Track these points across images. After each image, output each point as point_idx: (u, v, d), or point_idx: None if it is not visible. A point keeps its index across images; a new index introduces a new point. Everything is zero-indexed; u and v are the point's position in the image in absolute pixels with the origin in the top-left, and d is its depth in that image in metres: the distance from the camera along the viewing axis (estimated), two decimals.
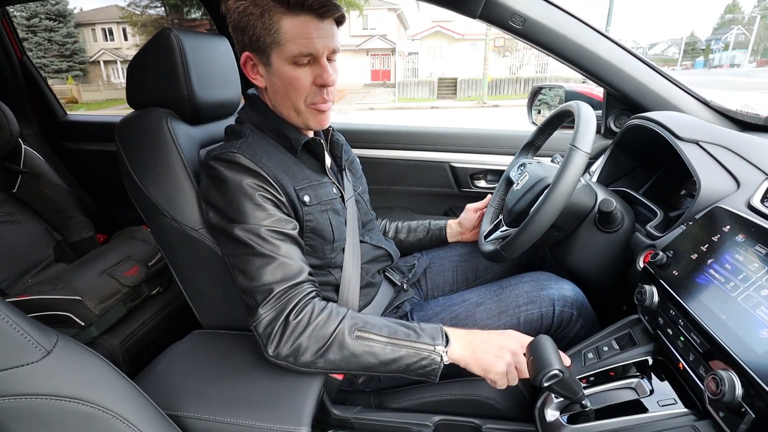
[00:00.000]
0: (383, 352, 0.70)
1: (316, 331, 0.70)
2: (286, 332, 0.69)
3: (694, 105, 1.05)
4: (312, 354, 0.69)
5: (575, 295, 0.87)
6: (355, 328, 0.71)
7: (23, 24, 12.96)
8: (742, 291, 0.56)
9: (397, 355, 0.70)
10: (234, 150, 0.76)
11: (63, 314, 1.14)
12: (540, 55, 17.07)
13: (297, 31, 0.71)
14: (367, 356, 0.70)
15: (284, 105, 0.80)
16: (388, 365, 0.70)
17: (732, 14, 44.15)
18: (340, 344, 0.69)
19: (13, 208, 1.50)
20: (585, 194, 0.86)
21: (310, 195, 0.81)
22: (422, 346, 0.70)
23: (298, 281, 0.73)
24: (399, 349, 0.70)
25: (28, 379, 0.51)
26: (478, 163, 1.45)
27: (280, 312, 0.70)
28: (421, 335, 0.72)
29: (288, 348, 0.69)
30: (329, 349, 0.69)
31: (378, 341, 0.70)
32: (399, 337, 0.71)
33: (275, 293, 0.71)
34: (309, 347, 0.69)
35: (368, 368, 0.71)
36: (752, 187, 0.70)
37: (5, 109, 1.44)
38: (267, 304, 0.70)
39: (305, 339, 0.69)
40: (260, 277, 0.71)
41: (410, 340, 0.71)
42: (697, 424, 0.56)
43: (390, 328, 0.72)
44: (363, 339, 0.70)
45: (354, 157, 1.05)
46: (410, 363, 0.70)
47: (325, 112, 0.81)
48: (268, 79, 0.79)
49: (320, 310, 0.71)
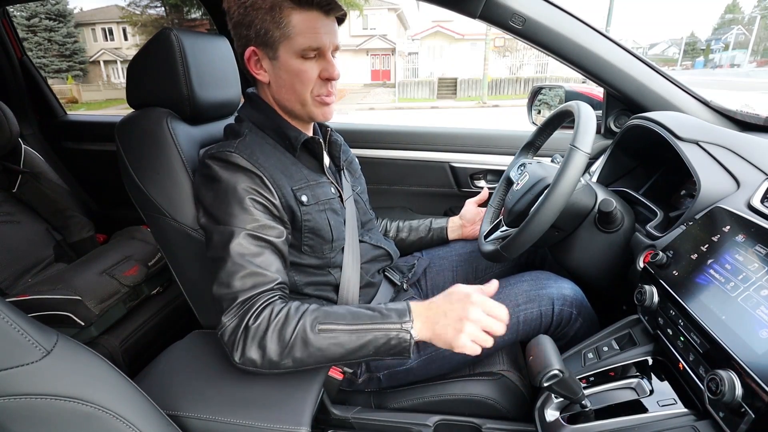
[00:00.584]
0: (349, 341, 0.68)
1: (277, 331, 0.68)
2: (248, 338, 0.68)
3: (694, 105, 1.05)
4: (277, 355, 0.68)
5: (575, 294, 0.87)
6: (317, 322, 0.69)
7: (23, 24, 12.97)
8: (742, 291, 0.56)
9: (364, 341, 0.68)
10: (231, 149, 0.76)
11: (63, 314, 1.14)
12: (540, 55, 17.07)
13: (306, 25, 0.74)
14: (334, 348, 0.68)
15: (289, 98, 0.81)
16: (358, 352, 0.69)
17: (732, 14, 44.16)
18: (303, 341, 0.68)
19: (13, 208, 1.50)
20: (585, 194, 0.86)
21: (308, 195, 0.81)
22: (388, 326, 0.69)
23: (266, 289, 0.72)
24: (365, 334, 0.69)
25: (27, 378, 0.51)
26: (478, 163, 1.45)
27: (241, 319, 0.69)
28: (387, 315, 0.70)
29: (253, 352, 0.68)
30: (293, 347, 0.68)
31: (342, 331, 0.69)
32: (363, 322, 0.69)
33: (239, 301, 0.70)
34: (272, 349, 0.68)
35: (338, 359, 0.70)
36: (752, 188, 0.70)
37: (5, 108, 1.44)
38: (230, 312, 0.70)
39: (267, 341, 0.68)
40: (229, 283, 0.71)
41: (375, 322, 0.69)
42: (696, 424, 0.56)
43: (354, 314, 0.71)
44: (326, 332, 0.68)
45: (353, 157, 1.05)
46: (379, 345, 0.69)
47: (329, 105, 0.83)
48: (273, 74, 0.79)
49: (278, 311, 0.70)
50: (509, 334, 0.87)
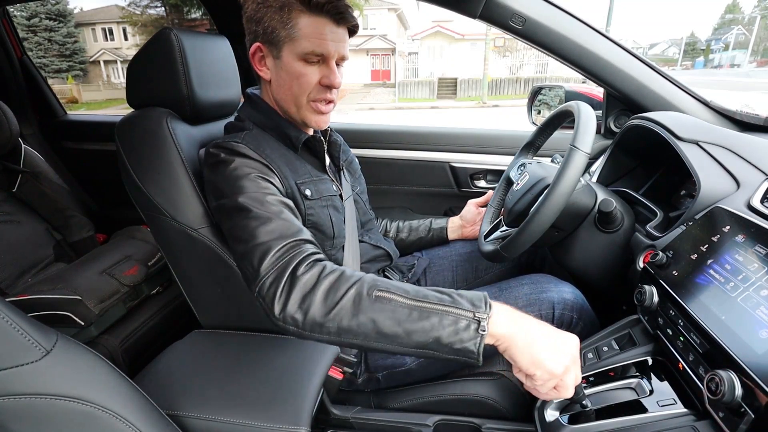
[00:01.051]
0: (408, 318, 0.56)
1: (326, 288, 0.59)
2: (294, 288, 0.60)
3: (694, 105, 1.05)
4: (322, 314, 0.58)
5: (575, 298, 0.87)
6: (375, 288, 0.59)
7: (23, 24, 12.97)
8: (741, 291, 0.56)
9: (426, 323, 0.56)
10: (238, 140, 0.77)
11: (63, 314, 1.14)
12: (540, 55, 17.06)
13: (312, 30, 0.73)
14: (389, 322, 0.56)
15: (286, 98, 0.81)
16: (414, 335, 0.56)
17: (732, 14, 44.16)
18: (355, 305, 0.58)
19: (13, 208, 1.50)
20: (585, 194, 0.86)
21: (312, 189, 0.82)
22: (458, 311, 0.57)
23: (298, 239, 0.66)
24: (429, 314, 0.56)
25: (27, 378, 0.51)
26: (478, 163, 1.45)
27: (284, 268, 0.61)
28: (458, 300, 0.58)
29: (296, 306, 0.59)
30: (342, 309, 0.58)
31: (402, 303, 0.57)
32: (429, 301, 0.58)
33: (275, 251, 0.63)
34: (318, 306, 0.58)
35: (391, 339, 0.57)
36: (752, 188, 0.70)
37: (5, 108, 1.44)
38: (268, 263, 0.62)
39: (316, 297, 0.59)
40: (257, 236, 0.65)
41: (443, 304, 0.57)
42: (696, 425, 0.56)
43: (419, 291, 0.59)
44: (383, 300, 0.58)
45: (353, 157, 1.05)
46: (442, 334, 0.56)
47: (325, 114, 0.82)
48: (274, 72, 0.79)
49: (331, 270, 0.62)
50: None
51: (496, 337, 0.57)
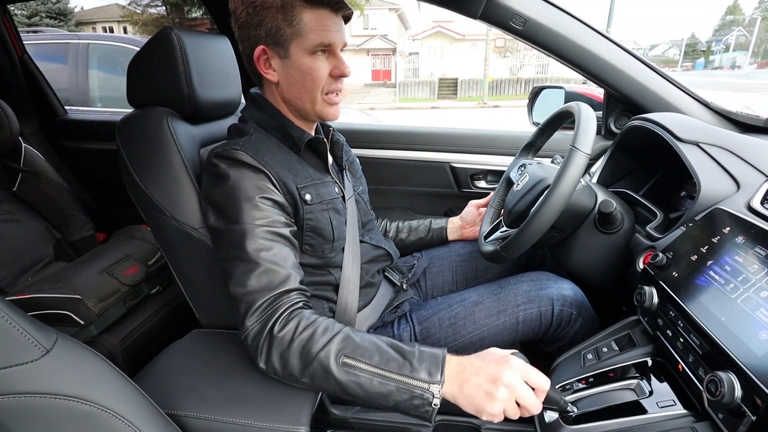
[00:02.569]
0: (370, 385, 0.63)
1: (300, 348, 0.66)
2: (272, 346, 0.67)
3: (695, 106, 1.05)
4: (298, 371, 0.66)
5: (574, 295, 0.87)
6: (342, 354, 0.64)
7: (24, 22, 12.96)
8: (741, 293, 0.56)
9: (385, 390, 0.62)
10: (237, 147, 0.76)
11: (62, 313, 1.14)
12: (540, 55, 17.07)
13: (316, 23, 0.74)
14: (353, 386, 0.63)
15: (301, 96, 0.80)
16: (376, 399, 0.63)
17: (733, 15, 44.18)
18: (324, 370, 0.64)
19: (13, 207, 1.50)
20: (585, 195, 0.86)
21: (312, 194, 0.81)
22: (415, 383, 0.62)
23: (284, 289, 0.70)
24: (388, 382, 0.62)
25: (27, 377, 0.51)
26: (478, 163, 1.45)
27: (264, 324, 0.68)
28: (417, 369, 0.62)
29: (276, 361, 0.67)
30: (314, 371, 0.65)
31: (365, 371, 0.63)
32: (390, 369, 0.63)
33: (259, 304, 0.69)
34: (294, 364, 0.66)
35: (356, 398, 0.65)
36: (752, 189, 0.70)
37: (6, 107, 1.44)
38: (252, 316, 0.68)
39: (291, 355, 0.66)
40: (245, 283, 0.69)
41: (402, 373, 0.62)
42: (696, 426, 0.56)
43: (383, 355, 0.64)
44: (349, 367, 0.64)
45: (354, 157, 1.05)
46: (400, 400, 0.62)
47: (337, 105, 0.84)
48: (283, 72, 0.79)
49: (306, 325, 0.67)
50: (508, 334, 0.87)
51: (445, 395, 0.63)
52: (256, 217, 0.73)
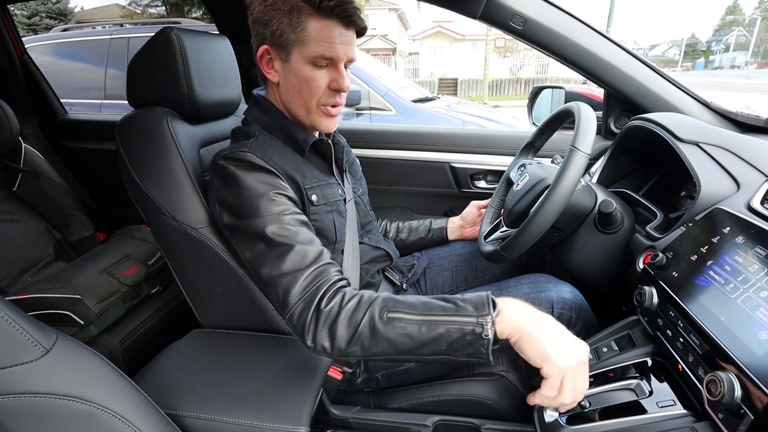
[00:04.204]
0: (419, 333, 0.62)
1: (347, 318, 0.65)
2: (319, 321, 0.65)
3: (695, 106, 1.05)
4: (346, 342, 0.64)
5: (574, 298, 0.87)
6: (386, 310, 0.64)
7: (24, 22, 12.94)
8: (741, 293, 0.56)
9: (435, 334, 0.61)
10: (245, 149, 0.76)
11: (62, 313, 1.14)
12: (540, 55, 17.07)
13: (322, 33, 0.73)
14: (403, 339, 0.62)
15: (295, 102, 0.80)
16: (429, 346, 0.62)
17: (733, 15, 44.18)
18: (372, 330, 0.63)
19: (13, 207, 1.50)
20: (585, 195, 0.86)
21: (318, 195, 0.82)
22: (464, 319, 0.61)
23: (321, 264, 0.69)
24: (436, 326, 0.62)
25: (27, 377, 0.51)
26: (478, 163, 1.45)
27: (309, 301, 0.67)
28: (462, 306, 0.62)
29: (324, 337, 0.65)
30: (362, 335, 0.64)
31: (411, 321, 0.63)
32: (435, 313, 0.63)
33: (300, 282, 0.68)
34: (342, 335, 0.64)
35: (408, 352, 0.63)
36: (752, 189, 0.70)
37: (6, 107, 1.44)
38: (295, 295, 0.67)
39: (338, 327, 0.64)
40: (279, 266, 0.68)
41: (448, 314, 0.62)
42: (696, 426, 0.56)
43: (426, 304, 0.64)
44: (394, 321, 0.63)
45: (354, 158, 1.05)
46: (452, 341, 0.61)
47: (334, 117, 0.82)
48: (283, 75, 0.79)
49: (350, 297, 0.67)
50: None
51: (506, 332, 0.61)
52: (273, 209, 0.72)
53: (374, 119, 2.92)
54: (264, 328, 0.89)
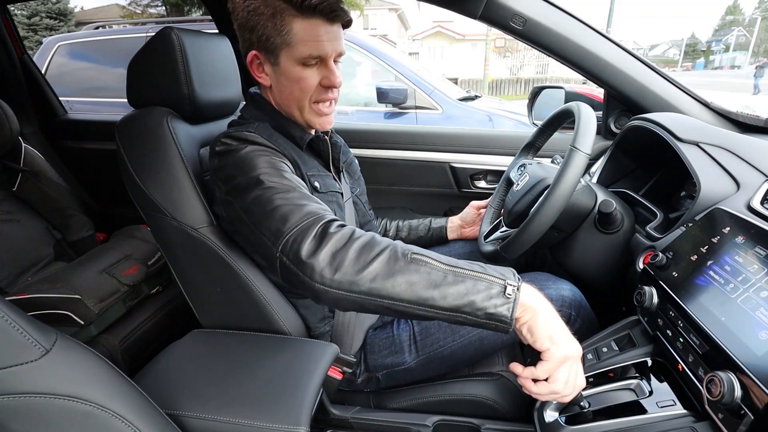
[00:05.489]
0: (444, 280, 0.56)
1: (360, 246, 0.57)
2: (325, 241, 0.58)
3: (695, 106, 1.05)
4: (354, 271, 0.56)
5: (573, 295, 0.87)
6: (410, 251, 0.58)
7: (24, 22, 12.95)
8: (741, 293, 0.56)
9: (461, 287, 0.56)
10: (250, 130, 0.76)
11: (62, 313, 1.14)
12: (540, 55, 17.08)
13: (307, 33, 0.72)
14: (424, 283, 0.56)
15: (289, 103, 0.81)
16: (450, 298, 0.55)
17: (733, 16, 44.19)
18: (390, 264, 0.56)
19: (13, 207, 1.50)
20: (585, 195, 0.86)
21: (320, 183, 0.82)
22: (491, 277, 0.57)
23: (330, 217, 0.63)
24: (464, 279, 0.56)
25: (26, 377, 0.51)
26: (478, 163, 1.45)
27: (311, 224, 0.60)
28: (488, 269, 0.59)
29: (327, 259, 0.57)
30: (376, 267, 0.56)
31: (436, 267, 0.57)
32: (462, 267, 0.58)
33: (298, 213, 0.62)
34: (351, 262, 0.56)
35: (423, 301, 0.56)
36: (752, 189, 0.70)
37: (6, 107, 1.44)
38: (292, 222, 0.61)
39: (348, 253, 0.57)
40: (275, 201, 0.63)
41: (475, 270, 0.58)
42: (696, 426, 0.56)
43: (450, 259, 0.59)
44: (418, 262, 0.57)
45: (353, 158, 1.05)
46: (476, 298, 0.55)
47: (328, 115, 0.83)
48: (274, 78, 0.79)
49: (363, 233, 0.60)
50: (507, 335, 0.87)
51: (524, 306, 0.58)
52: (276, 165, 0.69)
53: (420, 118, 2.76)
54: (264, 328, 0.89)
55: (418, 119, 2.76)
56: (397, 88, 2.69)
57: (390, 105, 2.78)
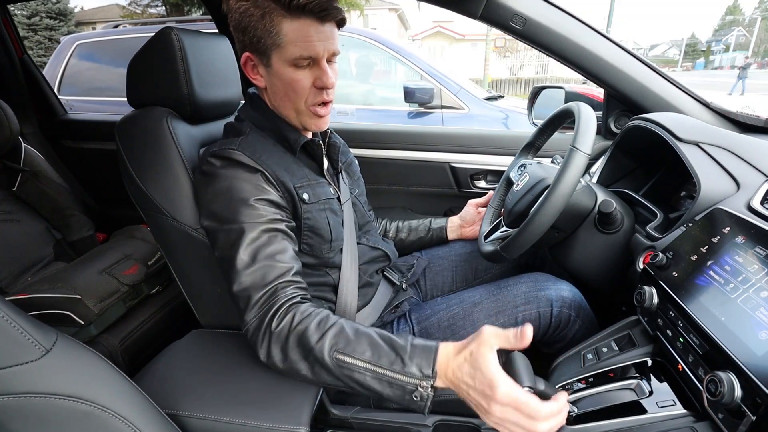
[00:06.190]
0: (364, 380, 0.63)
1: (296, 340, 0.66)
2: (272, 340, 0.67)
3: (695, 106, 1.05)
4: (297, 365, 0.66)
5: (573, 296, 0.87)
6: (335, 349, 0.64)
7: (24, 22, 12.95)
8: (741, 293, 0.56)
9: (378, 386, 0.62)
10: (234, 147, 0.76)
11: (62, 313, 1.14)
12: (540, 55, 17.08)
13: (297, 34, 0.71)
14: (348, 381, 0.64)
15: (284, 105, 0.80)
16: (370, 392, 0.64)
17: (733, 16, 44.19)
18: (320, 365, 0.65)
19: (13, 207, 1.50)
20: (585, 195, 0.86)
21: (309, 193, 0.81)
22: (406, 378, 0.61)
23: (280, 282, 0.70)
24: (380, 378, 0.62)
25: (27, 377, 0.51)
26: (478, 163, 1.45)
27: (262, 319, 0.68)
28: (408, 365, 0.61)
29: (276, 355, 0.67)
30: (311, 365, 0.66)
31: (359, 368, 0.63)
32: (382, 365, 0.62)
33: (256, 299, 0.69)
34: (293, 357, 0.66)
35: (354, 391, 0.66)
36: (752, 189, 0.70)
37: (6, 107, 1.44)
38: (251, 311, 0.69)
39: (288, 348, 0.66)
40: (241, 280, 0.70)
41: (393, 370, 0.61)
42: (695, 426, 0.56)
43: (375, 350, 0.63)
44: (342, 363, 0.63)
45: (352, 159, 1.05)
46: (393, 395, 0.62)
47: (323, 117, 0.82)
48: (268, 80, 0.79)
49: (301, 319, 0.67)
50: None
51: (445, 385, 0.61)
52: (252, 216, 0.72)
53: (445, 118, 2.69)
54: None
55: (444, 119, 2.71)
56: (423, 87, 2.64)
57: (416, 105, 2.72)
